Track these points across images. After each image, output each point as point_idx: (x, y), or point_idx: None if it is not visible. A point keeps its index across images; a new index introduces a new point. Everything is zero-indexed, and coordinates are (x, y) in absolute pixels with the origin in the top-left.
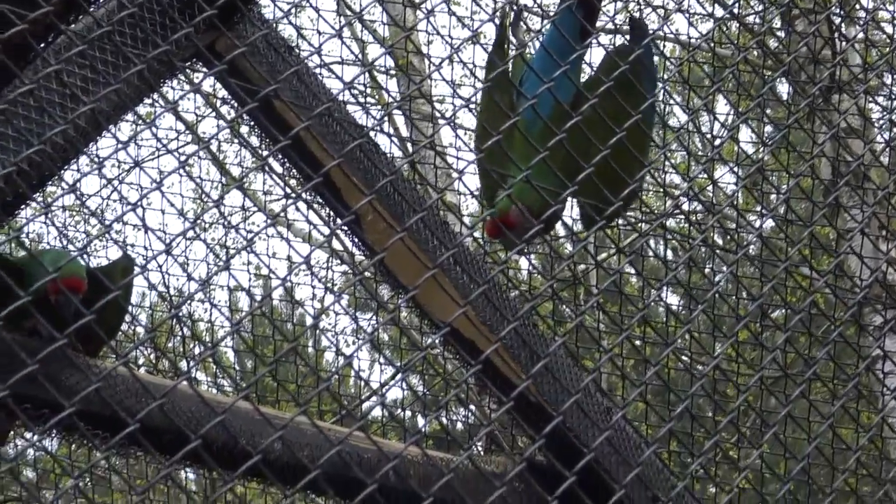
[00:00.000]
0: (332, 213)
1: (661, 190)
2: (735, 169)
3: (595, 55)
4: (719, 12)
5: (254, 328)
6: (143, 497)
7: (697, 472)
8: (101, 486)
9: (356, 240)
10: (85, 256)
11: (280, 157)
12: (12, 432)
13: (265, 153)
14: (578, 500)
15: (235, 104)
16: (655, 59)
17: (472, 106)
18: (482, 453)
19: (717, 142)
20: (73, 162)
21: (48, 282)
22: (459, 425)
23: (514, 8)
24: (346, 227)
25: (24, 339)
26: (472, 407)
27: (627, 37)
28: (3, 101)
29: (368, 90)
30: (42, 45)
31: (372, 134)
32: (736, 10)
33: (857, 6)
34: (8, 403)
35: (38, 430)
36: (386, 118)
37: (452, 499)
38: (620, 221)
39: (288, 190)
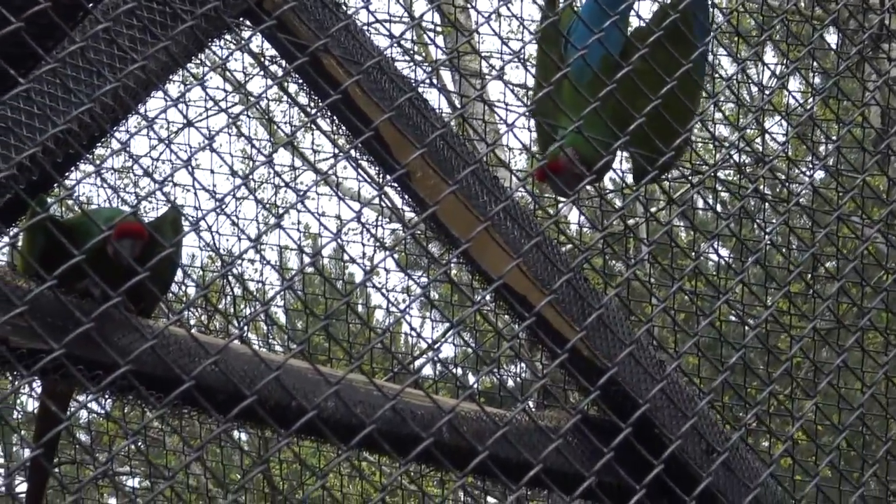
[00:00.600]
0: (381, 171)
1: (712, 141)
2: (785, 120)
3: (643, 6)
4: None
5: (305, 287)
6: (199, 454)
7: (751, 424)
8: (155, 447)
9: (406, 197)
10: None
11: (329, 114)
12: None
13: (314, 111)
14: (634, 453)
15: (284, 63)
16: (707, 8)
17: (521, 60)
18: (535, 410)
19: (767, 92)
20: (122, 123)
21: (106, 235)
22: (511, 382)
23: None
24: (396, 184)
25: (77, 301)
26: (524, 364)
27: None
28: (53, 61)
29: (416, 47)
30: (91, 3)
31: (420, 90)
32: None
33: None
34: (63, 363)
35: (93, 389)
36: (435, 74)
37: (507, 455)
38: (671, 174)
39: (336, 150)
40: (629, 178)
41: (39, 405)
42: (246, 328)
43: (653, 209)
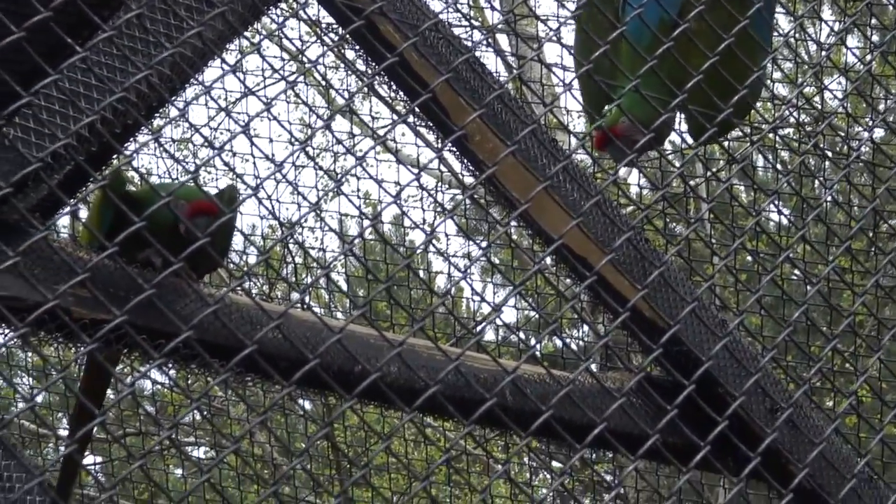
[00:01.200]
0: (440, 136)
1: (771, 100)
2: (844, 76)
3: None
4: None
5: (366, 255)
6: (263, 419)
7: (815, 382)
8: (219, 417)
9: (466, 161)
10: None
11: (386, 79)
12: (123, 366)
13: (371, 75)
14: (699, 412)
15: (340, 29)
16: None
17: (576, 21)
18: (599, 373)
19: (825, 50)
20: (180, 92)
21: (179, 209)
22: (574, 346)
23: None
24: (454, 148)
25: (139, 271)
26: (587, 327)
27: None
28: (110, 29)
29: (472, 12)
30: None
31: (478, 54)
32: None
33: None
34: (126, 330)
35: (157, 356)
36: (491, 36)
37: (571, 416)
38: (731, 133)
39: (395, 116)
40: (689, 140)
41: (83, 377)
42: (307, 292)
43: (713, 169)
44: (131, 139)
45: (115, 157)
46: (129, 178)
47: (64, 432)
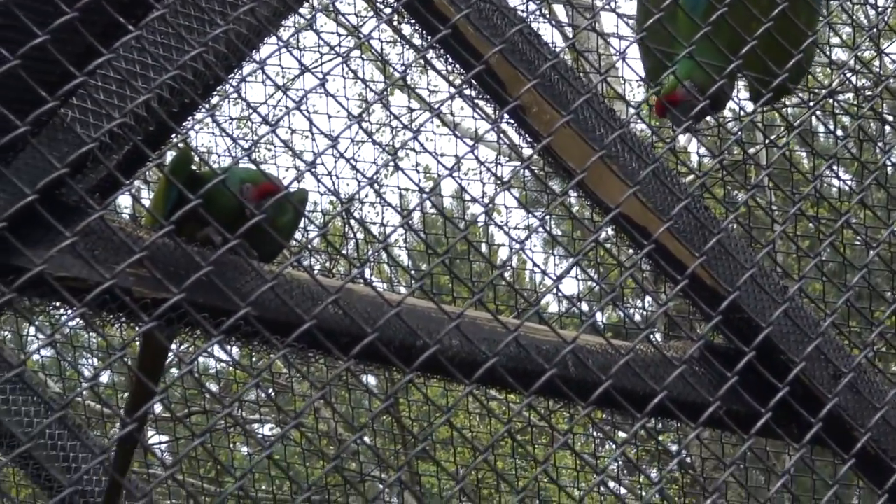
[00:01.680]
0: (498, 108)
1: (829, 65)
2: None
3: None
4: None
5: (427, 230)
6: (323, 393)
7: (879, 346)
8: (283, 394)
9: (523, 133)
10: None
11: (442, 52)
12: (188, 344)
13: (428, 52)
14: (762, 380)
15: (395, 2)
16: None
17: None
18: (662, 340)
19: (882, 14)
20: (237, 70)
21: (245, 196)
22: (637, 316)
23: None
24: (512, 120)
25: (198, 249)
26: (649, 298)
27: None
28: (163, 7)
29: None
30: None
31: (533, 25)
32: None
33: None
34: (186, 309)
35: (216, 333)
36: (546, 5)
37: (633, 386)
38: (790, 99)
39: (452, 89)
40: (751, 107)
41: (139, 356)
42: (367, 266)
43: (772, 136)
44: (189, 118)
45: (173, 136)
46: (195, 158)
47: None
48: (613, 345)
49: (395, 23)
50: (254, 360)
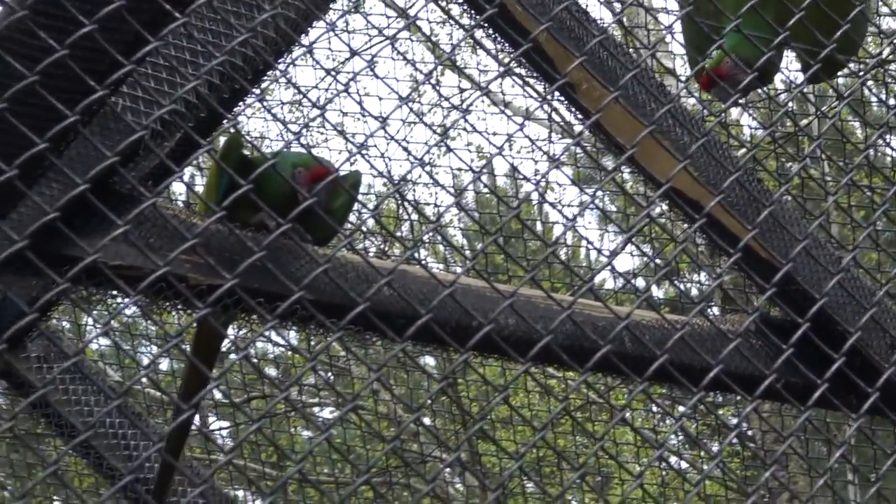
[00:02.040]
0: (547, 86)
1: (878, 34)
2: None
3: None
4: None
5: (482, 209)
6: (379, 375)
7: None
8: (342, 377)
9: (574, 110)
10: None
11: (491, 31)
12: (237, 330)
13: (477, 32)
14: (819, 352)
15: None
16: None
17: None
18: (720, 314)
19: None
20: (286, 55)
21: (299, 181)
22: (694, 290)
23: None
24: (563, 98)
25: (253, 234)
26: (705, 272)
27: None
28: None
29: None
30: None
31: (581, 3)
32: None
33: None
34: (237, 292)
35: (271, 318)
36: None
37: (691, 361)
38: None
39: (501, 68)
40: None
41: (192, 343)
42: (422, 247)
43: (824, 108)
44: (240, 103)
45: (224, 122)
46: (247, 143)
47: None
48: (668, 319)
49: (444, 2)
50: (312, 343)
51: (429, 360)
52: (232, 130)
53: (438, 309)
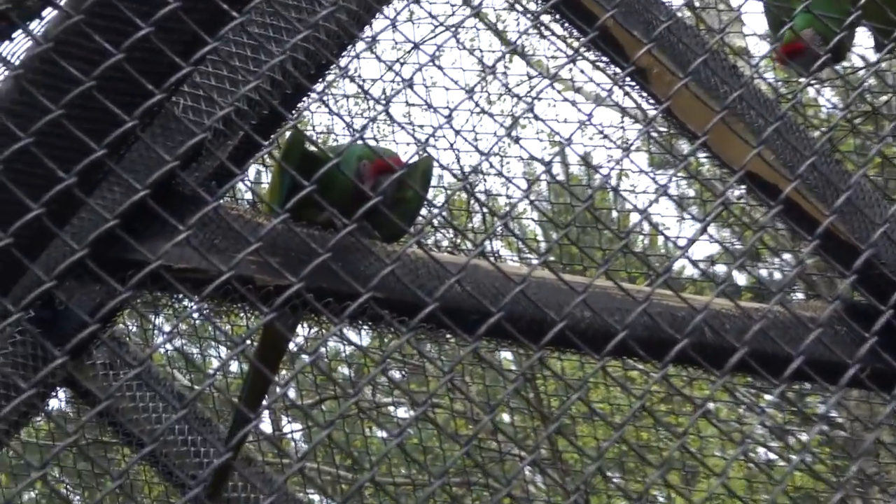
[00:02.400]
0: (618, 73)
1: None
2: None
3: None
4: None
5: (554, 197)
6: (450, 377)
7: None
8: (416, 375)
9: (645, 96)
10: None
11: (559, 17)
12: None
13: (545, 17)
14: None
15: None
16: None
17: None
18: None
19: None
20: (349, 48)
21: (362, 171)
22: (778, 274)
23: None
24: (632, 83)
25: (319, 234)
26: (787, 256)
27: None
28: None
29: None
30: None
31: None
32: None
33: None
34: (304, 297)
35: (337, 321)
36: None
37: (774, 350)
38: None
39: (570, 54)
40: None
41: (258, 346)
42: (495, 240)
43: None
44: (305, 98)
45: (287, 119)
46: (312, 138)
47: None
48: (745, 309)
49: None
50: (386, 341)
51: (507, 355)
52: (294, 128)
53: (511, 304)
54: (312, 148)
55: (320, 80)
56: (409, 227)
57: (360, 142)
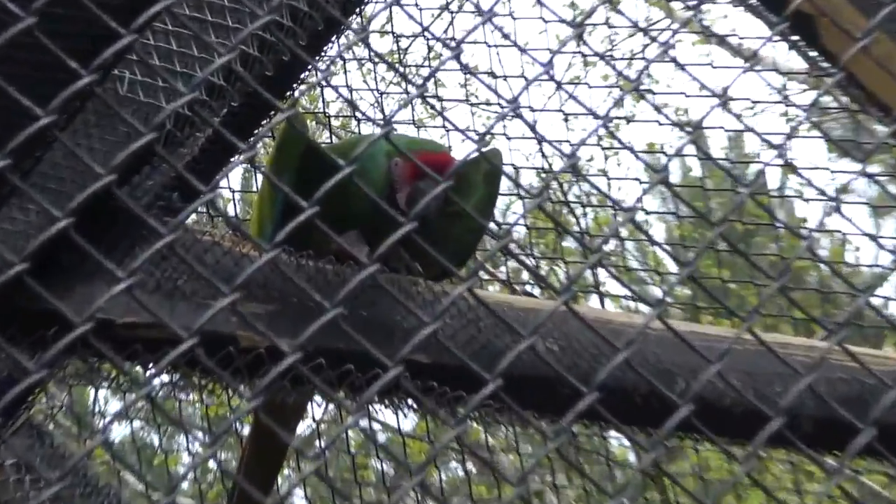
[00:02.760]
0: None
1: None
2: None
3: None
4: None
5: (688, 197)
6: (524, 487)
7: None
8: (484, 474)
9: (814, 53)
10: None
11: None
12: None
13: None
14: None
15: None
16: None
17: None
18: None
19: None
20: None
21: (394, 170)
22: None
23: None
24: (797, 36)
25: (336, 268)
26: None
27: None
28: None
29: None
30: None
31: None
32: None
33: None
34: (316, 361)
35: (360, 405)
36: None
37: None
38: None
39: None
40: None
41: (249, 437)
42: (584, 276)
43: None
44: (308, 68)
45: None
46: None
47: None
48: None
49: None
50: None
51: (619, 437)
52: (294, 114)
53: (618, 372)
54: (333, 139)
55: (332, 41)
56: (469, 254)
57: (401, 131)
